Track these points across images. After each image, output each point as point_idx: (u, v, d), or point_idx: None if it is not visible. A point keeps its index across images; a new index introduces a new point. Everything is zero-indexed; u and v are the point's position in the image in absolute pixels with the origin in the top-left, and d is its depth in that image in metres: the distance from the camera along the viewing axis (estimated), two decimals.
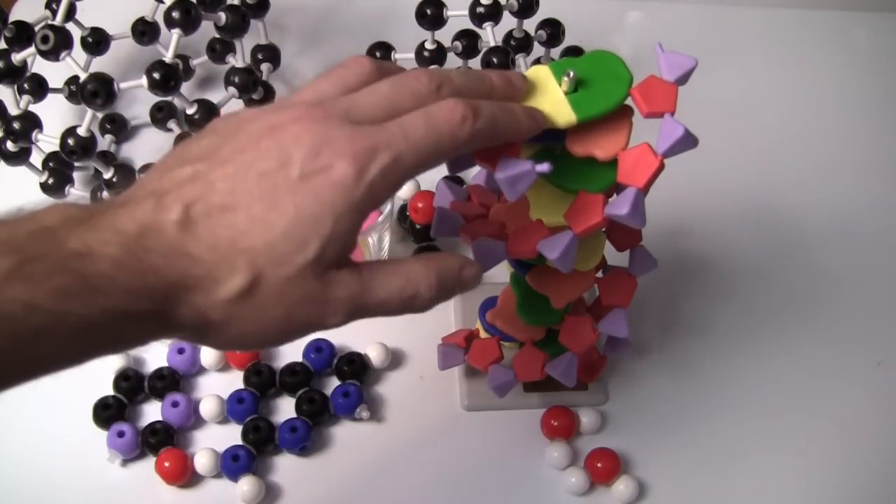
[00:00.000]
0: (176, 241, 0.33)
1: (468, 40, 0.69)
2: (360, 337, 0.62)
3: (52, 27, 0.63)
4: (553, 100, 0.43)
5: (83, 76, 0.62)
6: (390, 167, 0.35)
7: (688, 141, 0.41)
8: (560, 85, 0.43)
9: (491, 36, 0.69)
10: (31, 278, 0.31)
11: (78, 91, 0.63)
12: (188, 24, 0.63)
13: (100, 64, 0.68)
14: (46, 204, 0.33)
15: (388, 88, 0.38)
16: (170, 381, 0.59)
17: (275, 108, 0.37)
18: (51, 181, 0.65)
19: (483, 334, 0.59)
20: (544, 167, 0.40)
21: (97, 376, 0.59)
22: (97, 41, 0.67)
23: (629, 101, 0.43)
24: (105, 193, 0.64)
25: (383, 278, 0.38)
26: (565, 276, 0.49)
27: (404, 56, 0.71)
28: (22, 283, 0.31)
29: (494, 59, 0.67)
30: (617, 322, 0.53)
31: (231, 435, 0.58)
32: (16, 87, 0.66)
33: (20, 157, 0.66)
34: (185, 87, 0.72)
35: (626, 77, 0.43)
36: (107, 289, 0.32)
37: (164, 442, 0.57)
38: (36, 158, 0.67)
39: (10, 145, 0.65)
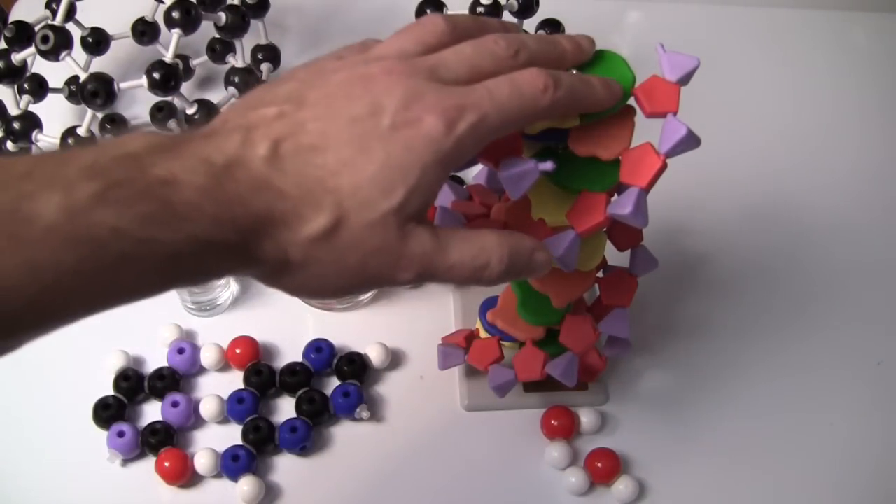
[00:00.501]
0: (264, 175, 0.34)
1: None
2: (360, 337, 0.62)
3: (52, 27, 0.63)
4: None
5: (83, 76, 0.62)
6: (477, 125, 0.36)
7: (690, 141, 0.41)
8: None
9: None
10: (118, 203, 0.31)
11: (78, 91, 0.63)
12: (188, 24, 0.63)
13: (100, 64, 0.68)
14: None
15: (470, 50, 0.39)
16: (170, 381, 0.59)
17: (359, 60, 0.38)
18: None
19: (483, 334, 0.59)
20: (547, 165, 0.40)
21: (97, 376, 0.59)
22: (97, 41, 0.67)
23: (632, 101, 0.43)
24: None
25: (459, 243, 0.38)
26: (566, 275, 0.49)
27: None
28: (108, 207, 0.30)
29: None
30: (618, 322, 0.53)
31: (231, 435, 0.58)
32: (16, 87, 0.66)
33: None
34: (185, 87, 0.72)
35: (629, 77, 0.43)
36: (192, 217, 0.32)
37: (164, 442, 0.57)
38: None
39: (10, 145, 0.65)
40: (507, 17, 0.69)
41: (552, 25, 0.71)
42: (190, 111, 0.65)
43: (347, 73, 0.37)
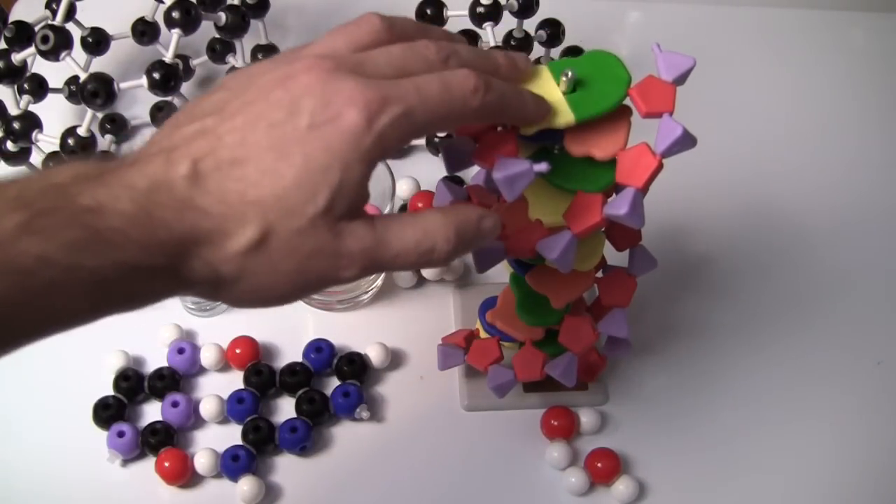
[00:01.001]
0: (185, 196, 0.33)
1: (468, 40, 0.69)
2: (360, 337, 0.62)
3: (52, 27, 0.63)
4: (551, 100, 0.43)
5: (83, 76, 0.62)
6: (400, 119, 0.35)
7: (686, 141, 0.41)
8: (558, 85, 0.43)
9: (491, 36, 0.69)
10: (43, 232, 0.31)
11: (78, 91, 0.63)
12: (188, 24, 0.63)
13: (100, 64, 0.68)
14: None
15: (399, 51, 0.38)
16: (170, 381, 0.59)
17: (285, 60, 0.37)
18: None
19: (483, 334, 0.59)
20: (542, 166, 0.40)
21: (97, 376, 0.59)
22: (97, 41, 0.67)
23: (628, 102, 0.43)
24: None
25: (398, 231, 0.37)
26: (565, 276, 0.49)
27: None
28: (34, 236, 0.31)
29: None
30: (617, 322, 0.52)
31: (231, 435, 0.58)
32: (16, 87, 0.66)
33: (20, 157, 0.66)
34: (185, 87, 0.72)
35: (624, 77, 0.43)
36: (118, 242, 0.32)
37: (164, 442, 0.57)
38: (36, 158, 0.67)
39: (10, 145, 0.65)
40: (506, 17, 0.69)
41: (552, 25, 0.71)
42: None
43: (271, 75, 0.36)
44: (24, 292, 0.31)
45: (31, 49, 0.64)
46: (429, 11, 0.69)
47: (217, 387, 0.60)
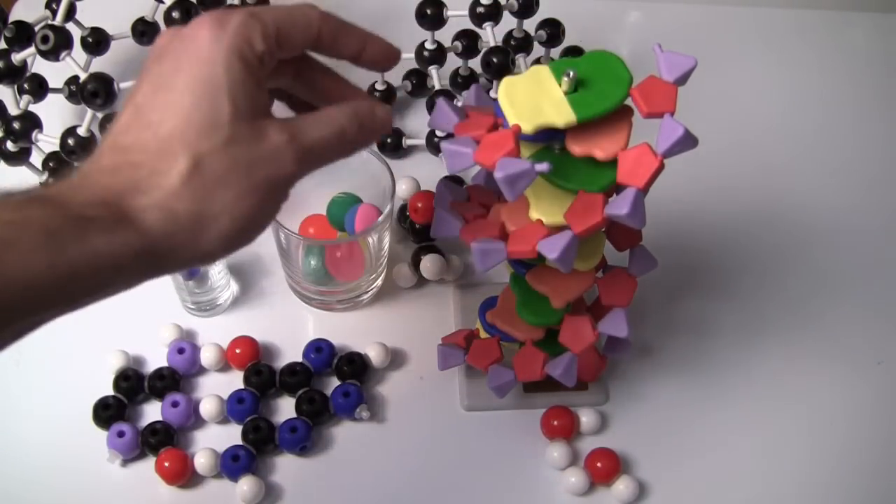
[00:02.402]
0: (113, 161, 0.37)
1: (468, 40, 0.69)
2: (360, 337, 0.62)
3: (52, 27, 0.63)
4: (553, 100, 0.43)
5: (83, 76, 0.62)
6: (247, 19, 0.38)
7: (688, 141, 0.41)
8: (560, 85, 0.43)
9: (491, 36, 0.69)
10: None
11: (78, 91, 0.63)
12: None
13: (100, 64, 0.68)
14: None
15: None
16: (170, 381, 0.59)
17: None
18: (51, 181, 0.65)
19: (483, 334, 0.59)
20: (543, 166, 0.40)
21: (97, 376, 0.59)
22: (97, 41, 0.67)
23: (629, 101, 0.43)
24: None
25: (311, 121, 0.40)
26: (565, 275, 0.49)
27: (404, 56, 0.71)
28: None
29: (494, 59, 0.67)
30: (617, 322, 0.52)
31: (231, 435, 0.58)
32: (16, 87, 0.66)
33: (20, 157, 0.66)
34: None
35: (625, 77, 0.43)
36: (62, 202, 0.35)
37: (164, 442, 0.57)
38: (36, 158, 0.67)
39: (10, 145, 0.65)
40: (507, 17, 0.69)
41: (552, 25, 0.71)
42: None
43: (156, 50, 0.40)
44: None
45: (31, 49, 0.64)
46: (429, 11, 0.69)
47: (217, 387, 0.60)
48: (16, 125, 0.64)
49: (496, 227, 0.49)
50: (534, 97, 0.43)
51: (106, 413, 0.58)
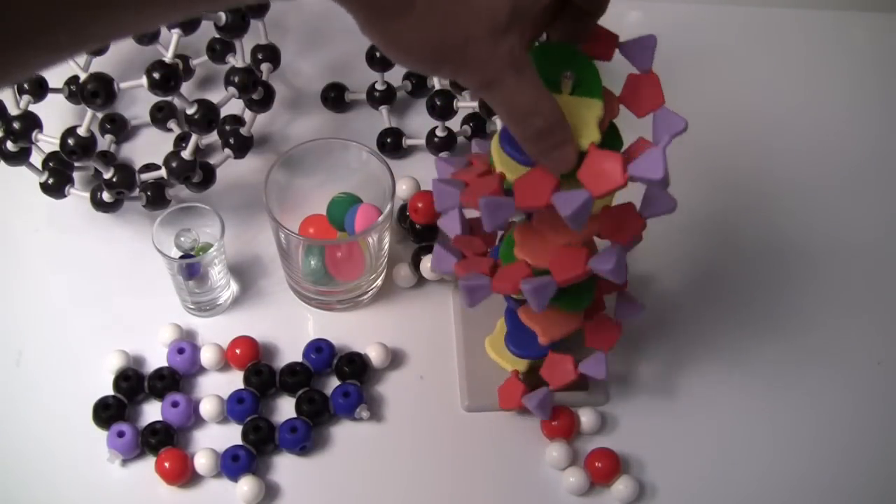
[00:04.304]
0: None
1: None
2: (360, 337, 0.62)
3: None
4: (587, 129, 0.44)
5: (83, 76, 0.62)
6: None
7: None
8: (562, 90, 0.44)
9: None
10: None
11: (78, 91, 0.63)
12: (188, 24, 0.63)
13: (100, 64, 0.68)
14: None
15: None
16: (170, 381, 0.59)
17: None
18: (51, 181, 0.65)
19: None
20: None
21: (97, 376, 0.59)
22: None
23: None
24: (105, 194, 0.64)
25: (528, 83, 0.41)
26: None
27: None
28: None
29: None
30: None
31: (231, 435, 0.58)
32: (16, 86, 0.66)
33: (20, 157, 0.66)
34: (185, 87, 0.72)
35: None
36: None
37: (164, 442, 0.57)
38: (36, 158, 0.67)
39: (10, 145, 0.65)
40: None
41: None
42: (190, 111, 0.65)
43: None
44: None
45: None
46: None
47: (217, 387, 0.60)
48: (16, 125, 0.64)
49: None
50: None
51: (106, 413, 0.58)
